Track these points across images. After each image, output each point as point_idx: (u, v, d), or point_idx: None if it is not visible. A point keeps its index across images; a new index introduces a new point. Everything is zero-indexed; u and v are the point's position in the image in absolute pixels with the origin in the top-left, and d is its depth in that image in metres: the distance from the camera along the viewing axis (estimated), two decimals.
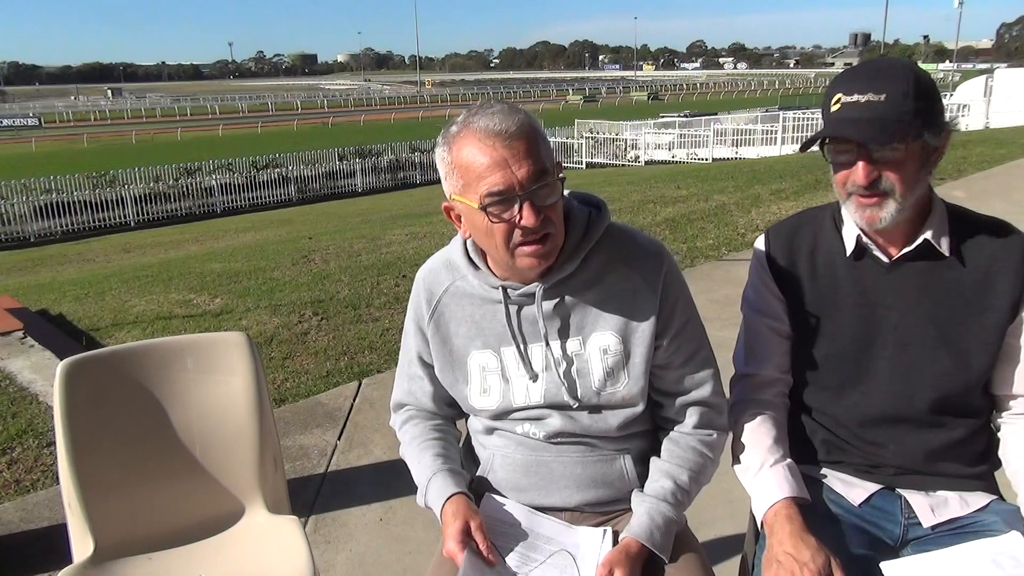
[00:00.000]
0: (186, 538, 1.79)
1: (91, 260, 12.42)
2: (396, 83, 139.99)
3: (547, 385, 1.36)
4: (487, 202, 1.19)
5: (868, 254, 1.40)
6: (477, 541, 1.28)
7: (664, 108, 47.51)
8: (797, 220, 1.51)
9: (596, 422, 1.37)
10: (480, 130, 1.20)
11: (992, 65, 67.59)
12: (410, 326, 1.48)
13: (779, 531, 1.27)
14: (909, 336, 1.38)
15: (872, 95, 1.25)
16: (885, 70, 1.28)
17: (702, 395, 1.40)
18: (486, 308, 1.37)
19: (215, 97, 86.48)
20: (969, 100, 23.60)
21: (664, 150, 23.84)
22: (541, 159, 1.20)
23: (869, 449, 1.44)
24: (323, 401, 3.71)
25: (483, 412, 1.42)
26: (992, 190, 8.36)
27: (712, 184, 10.52)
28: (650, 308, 1.32)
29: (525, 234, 1.21)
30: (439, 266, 1.43)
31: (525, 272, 1.31)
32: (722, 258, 6.12)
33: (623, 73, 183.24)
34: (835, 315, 1.42)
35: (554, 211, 1.24)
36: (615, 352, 1.34)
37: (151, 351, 1.81)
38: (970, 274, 1.35)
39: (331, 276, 6.30)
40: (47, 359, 4.35)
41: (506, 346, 1.37)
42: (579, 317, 1.34)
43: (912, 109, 1.24)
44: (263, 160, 22.51)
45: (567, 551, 1.34)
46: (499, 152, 1.18)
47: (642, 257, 1.35)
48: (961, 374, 1.36)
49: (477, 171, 1.19)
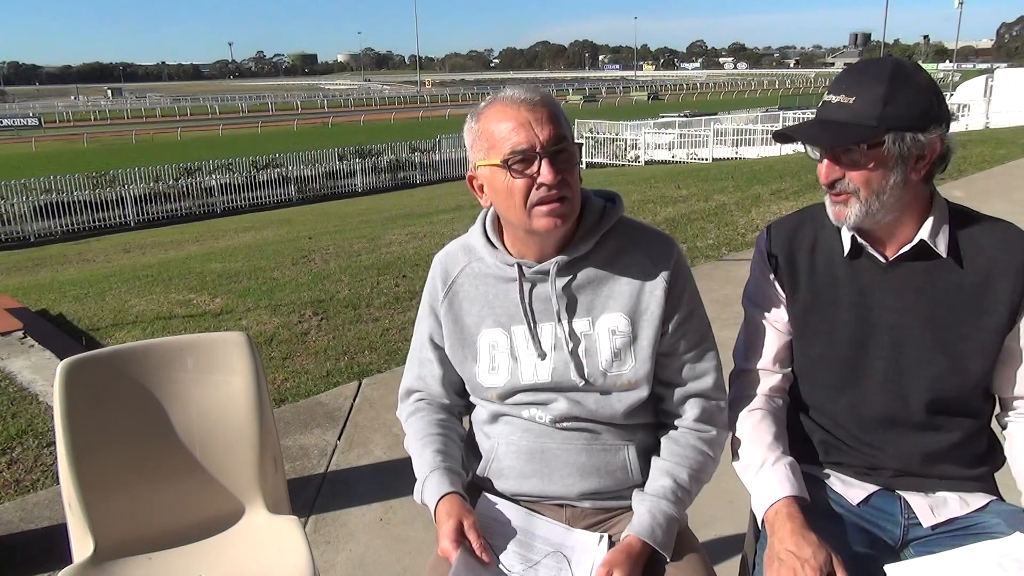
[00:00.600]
0: (186, 538, 1.79)
1: (91, 260, 12.42)
2: (396, 83, 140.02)
3: (555, 364, 1.38)
4: (510, 158, 1.28)
5: (865, 253, 1.39)
6: (471, 540, 1.28)
7: (664, 108, 47.55)
8: (800, 216, 1.50)
9: (602, 406, 1.39)
10: (506, 99, 1.31)
11: (992, 65, 67.63)
12: (424, 309, 1.52)
13: (780, 529, 1.27)
14: (905, 337, 1.37)
15: (844, 97, 1.28)
16: (864, 72, 1.29)
17: (703, 387, 1.42)
18: (500, 287, 1.42)
19: (215, 97, 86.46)
20: (969, 100, 23.61)
21: (664, 150, 23.84)
22: (561, 127, 1.30)
23: (867, 451, 1.43)
24: (323, 401, 3.70)
25: (490, 390, 1.43)
26: (992, 190, 8.36)
27: (712, 184, 10.52)
28: (659, 292, 1.37)
29: (543, 192, 1.28)
30: (456, 249, 1.50)
31: (541, 240, 1.36)
32: (722, 258, 6.12)
33: (623, 73, 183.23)
34: (832, 314, 1.42)
35: (571, 176, 1.31)
36: (623, 333, 1.37)
37: (151, 351, 1.81)
38: (969, 276, 1.34)
39: (331, 276, 6.30)
40: (47, 359, 4.35)
41: (517, 324, 1.41)
42: (590, 298, 1.39)
43: (878, 114, 1.25)
44: (263, 160, 22.49)
45: (562, 553, 1.34)
46: (523, 115, 1.28)
47: (653, 244, 1.41)
48: (956, 377, 1.35)
49: (502, 133, 1.29)
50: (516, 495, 1.45)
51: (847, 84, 1.30)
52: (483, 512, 1.39)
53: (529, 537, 1.36)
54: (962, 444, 1.39)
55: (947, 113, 1.30)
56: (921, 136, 1.26)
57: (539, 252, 1.39)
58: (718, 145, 22.22)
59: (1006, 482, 1.43)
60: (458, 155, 25.98)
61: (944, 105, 1.30)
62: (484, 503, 1.43)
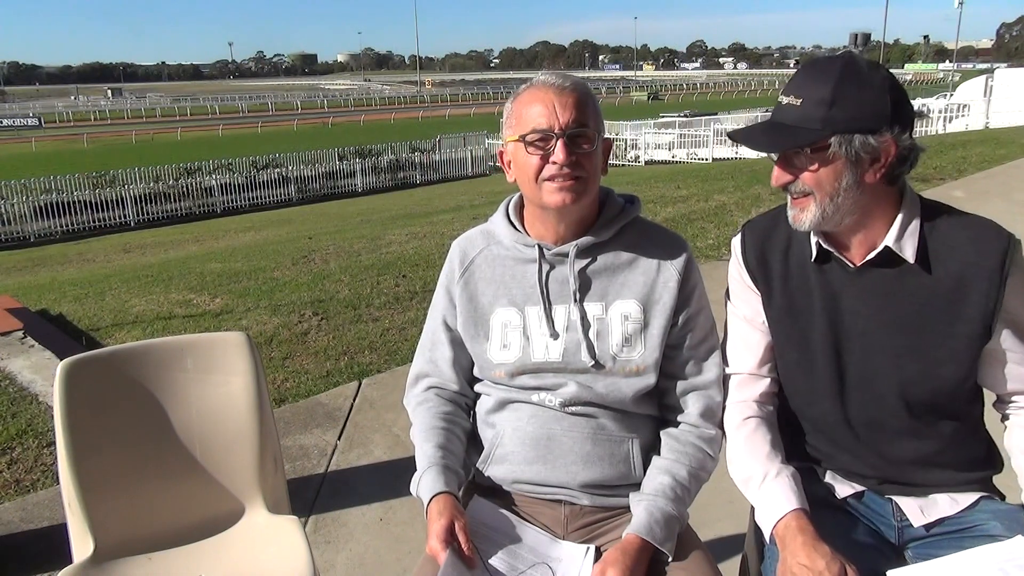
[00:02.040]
0: (186, 538, 1.79)
1: (91, 260, 12.42)
2: (396, 83, 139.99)
3: (566, 344, 1.42)
4: (528, 135, 1.35)
5: (834, 258, 1.37)
6: (460, 541, 1.29)
7: (664, 108, 47.56)
8: (773, 218, 1.47)
9: (611, 391, 1.41)
10: (540, 83, 1.40)
11: (992, 65, 67.60)
12: (439, 292, 1.56)
13: (791, 543, 1.26)
14: (874, 344, 1.35)
15: (792, 98, 1.27)
16: (814, 73, 1.26)
17: (705, 381, 1.45)
18: (517, 269, 1.47)
19: (215, 97, 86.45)
20: (969, 100, 23.61)
21: (664, 150, 23.86)
22: (586, 114, 1.36)
23: (851, 455, 1.42)
24: (323, 401, 3.71)
25: (500, 367, 1.45)
26: (992, 190, 8.35)
27: (712, 184, 10.52)
28: (672, 284, 1.43)
29: (554, 169, 1.34)
30: (476, 233, 1.56)
31: (556, 220, 1.42)
32: (722, 258, 6.12)
33: (623, 73, 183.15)
34: (806, 319, 1.40)
35: (588, 161, 1.37)
36: (635, 320, 1.41)
37: (151, 351, 1.81)
38: (942, 281, 1.30)
39: (331, 276, 6.30)
40: (47, 359, 4.35)
41: (531, 305, 1.45)
42: (605, 283, 1.43)
43: (822, 116, 1.22)
44: (263, 160, 22.50)
45: (547, 564, 1.34)
46: (550, 98, 1.36)
47: (668, 241, 1.48)
48: (928, 383, 1.32)
49: (529, 113, 1.37)
50: (518, 481, 1.45)
51: (797, 84, 1.28)
52: (474, 515, 1.39)
53: (517, 546, 1.36)
54: (949, 447, 1.37)
55: (907, 113, 1.24)
56: (871, 139, 1.22)
57: (557, 235, 1.44)
58: (718, 145, 22.22)
59: (1007, 483, 1.42)
60: (458, 155, 26.00)
61: (904, 106, 1.24)
62: (476, 505, 1.43)
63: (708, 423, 1.45)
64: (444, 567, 1.23)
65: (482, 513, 1.41)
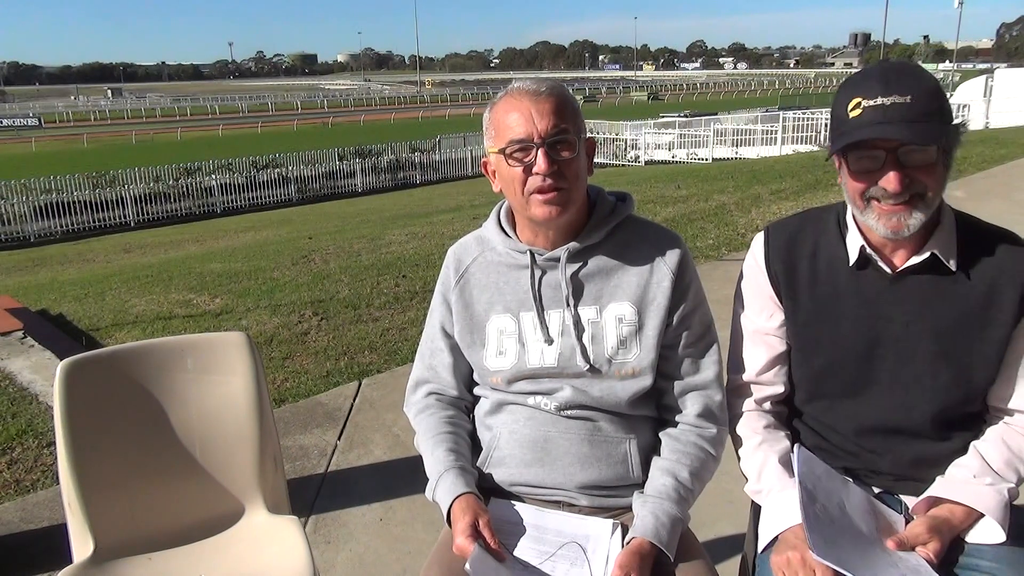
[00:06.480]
0: (186, 538, 1.79)
1: (91, 260, 12.42)
2: (396, 83, 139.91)
3: (561, 349, 1.41)
4: (509, 148, 1.34)
5: (872, 264, 1.36)
6: (486, 536, 1.29)
7: (664, 108, 47.52)
8: (800, 221, 1.46)
9: (607, 394, 1.40)
10: (516, 90, 1.37)
11: (992, 65, 67.57)
12: (436, 299, 1.56)
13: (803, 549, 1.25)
14: (910, 350, 1.34)
15: (897, 97, 1.20)
16: (905, 71, 1.23)
17: (704, 380, 1.44)
18: (511, 274, 1.47)
19: (215, 97, 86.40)
20: (969, 100, 23.56)
21: (664, 150, 23.83)
22: (564, 119, 1.34)
23: (864, 456, 1.42)
24: (323, 401, 3.71)
25: (497, 374, 1.45)
26: (992, 190, 8.35)
27: (712, 184, 10.52)
28: (666, 283, 1.41)
29: (539, 181, 1.33)
30: (470, 240, 1.56)
31: (545, 228, 1.41)
32: (722, 258, 6.12)
33: (623, 73, 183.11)
34: (835, 325, 1.39)
35: (570, 168, 1.35)
36: (630, 322, 1.40)
37: (151, 351, 1.81)
38: (975, 287, 1.31)
39: (331, 276, 6.30)
40: (47, 359, 4.35)
41: (526, 311, 1.44)
42: (598, 286, 1.42)
43: (939, 108, 1.21)
44: (263, 160, 22.49)
45: (577, 542, 1.34)
46: (526, 106, 1.33)
47: (661, 239, 1.46)
48: (961, 388, 1.33)
49: (507, 123, 1.35)
50: (515, 484, 1.45)
51: (890, 83, 1.21)
52: (495, 514, 1.39)
53: (541, 531, 1.37)
54: (961, 451, 1.37)
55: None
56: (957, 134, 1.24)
57: (548, 241, 1.43)
58: (718, 145, 22.21)
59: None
60: (458, 155, 25.99)
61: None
62: (495, 504, 1.43)
63: (708, 423, 1.44)
64: (472, 560, 1.24)
65: (502, 510, 1.41)
